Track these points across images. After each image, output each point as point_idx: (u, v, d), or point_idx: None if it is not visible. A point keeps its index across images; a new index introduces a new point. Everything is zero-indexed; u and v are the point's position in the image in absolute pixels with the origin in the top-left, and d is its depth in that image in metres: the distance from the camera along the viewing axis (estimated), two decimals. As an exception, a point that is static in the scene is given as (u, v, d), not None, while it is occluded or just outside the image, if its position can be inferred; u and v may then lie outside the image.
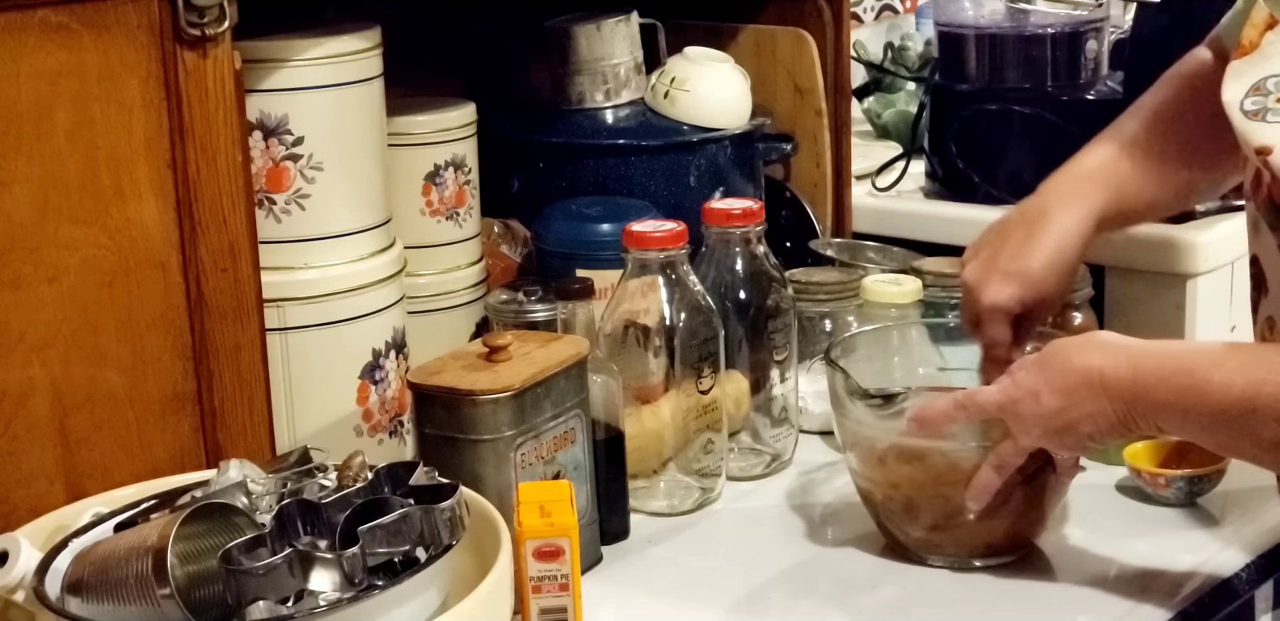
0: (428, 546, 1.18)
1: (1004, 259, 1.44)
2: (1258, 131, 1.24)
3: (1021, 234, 1.45)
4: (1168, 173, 1.47)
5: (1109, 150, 1.48)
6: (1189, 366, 1.25)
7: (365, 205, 1.53)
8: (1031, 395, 1.31)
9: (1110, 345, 1.30)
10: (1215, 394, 1.22)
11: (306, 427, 1.49)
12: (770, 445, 1.65)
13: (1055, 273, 1.44)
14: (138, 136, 1.30)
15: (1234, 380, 1.21)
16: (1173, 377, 1.25)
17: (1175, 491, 1.53)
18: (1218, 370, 1.23)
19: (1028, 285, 1.43)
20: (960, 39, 1.94)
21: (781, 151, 1.92)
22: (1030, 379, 1.31)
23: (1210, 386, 1.23)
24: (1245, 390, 1.21)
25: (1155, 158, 1.47)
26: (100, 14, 1.26)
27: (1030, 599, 1.39)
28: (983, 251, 1.47)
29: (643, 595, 1.42)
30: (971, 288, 1.46)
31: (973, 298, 1.46)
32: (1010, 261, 1.44)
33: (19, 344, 1.27)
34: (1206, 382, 1.23)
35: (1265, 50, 1.25)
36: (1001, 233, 1.47)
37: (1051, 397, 1.30)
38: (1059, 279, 1.45)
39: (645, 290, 1.52)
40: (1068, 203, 1.45)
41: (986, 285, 1.44)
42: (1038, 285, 1.44)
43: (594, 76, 1.83)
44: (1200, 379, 1.23)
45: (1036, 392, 1.30)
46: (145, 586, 1.12)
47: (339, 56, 1.48)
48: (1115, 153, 1.48)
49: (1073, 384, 1.29)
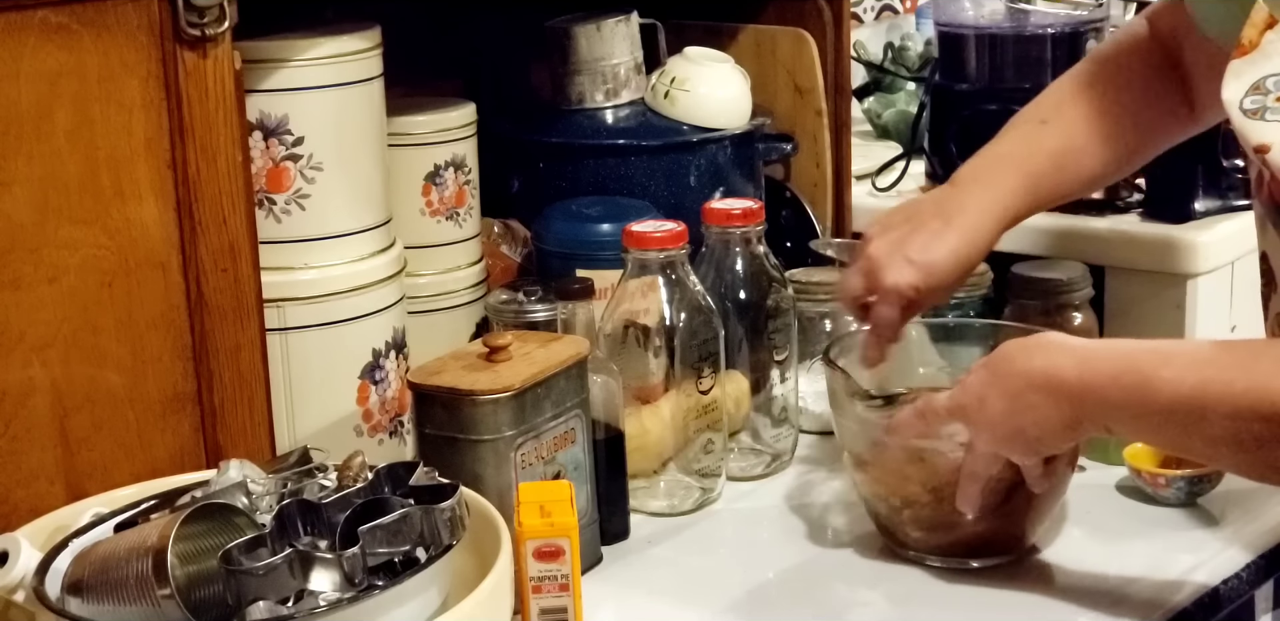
0: (428, 546, 1.18)
1: (913, 246, 1.45)
2: (1257, 130, 1.24)
3: (936, 225, 1.46)
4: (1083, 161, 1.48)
5: (1023, 137, 1.49)
6: (1137, 365, 1.23)
7: (365, 205, 1.53)
8: (978, 399, 1.30)
9: (1055, 346, 1.29)
10: (1164, 392, 1.21)
11: (306, 427, 1.50)
12: (770, 445, 1.65)
13: (959, 267, 1.46)
14: (138, 136, 1.30)
15: (1183, 378, 1.20)
16: (1121, 376, 1.24)
17: (1175, 491, 1.53)
18: (1166, 368, 1.22)
19: (930, 276, 1.44)
20: (960, 39, 1.94)
21: (781, 151, 1.92)
22: (978, 383, 1.31)
23: (1159, 384, 1.21)
24: (1195, 387, 1.20)
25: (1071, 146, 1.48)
26: (100, 14, 1.26)
27: (1030, 599, 1.39)
28: (891, 233, 1.47)
29: (643, 595, 1.42)
30: (875, 266, 1.46)
31: (872, 275, 1.46)
32: (920, 251, 1.45)
33: (19, 344, 1.27)
34: (1155, 380, 1.22)
35: (1265, 49, 1.26)
36: (913, 217, 1.48)
37: (998, 401, 1.29)
38: (961, 273, 1.46)
39: (645, 290, 1.53)
40: (981, 195, 1.46)
41: (890, 267, 1.45)
42: (939, 277, 1.45)
43: (594, 76, 1.83)
44: (1149, 376, 1.22)
45: (983, 397, 1.30)
46: (145, 586, 1.12)
47: (339, 56, 1.48)
48: (1030, 140, 1.49)
49: (1018, 387, 1.28)
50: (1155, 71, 1.48)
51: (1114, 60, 1.52)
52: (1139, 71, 1.50)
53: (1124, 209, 1.85)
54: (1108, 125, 1.48)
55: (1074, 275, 1.69)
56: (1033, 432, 1.29)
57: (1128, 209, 1.85)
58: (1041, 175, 1.48)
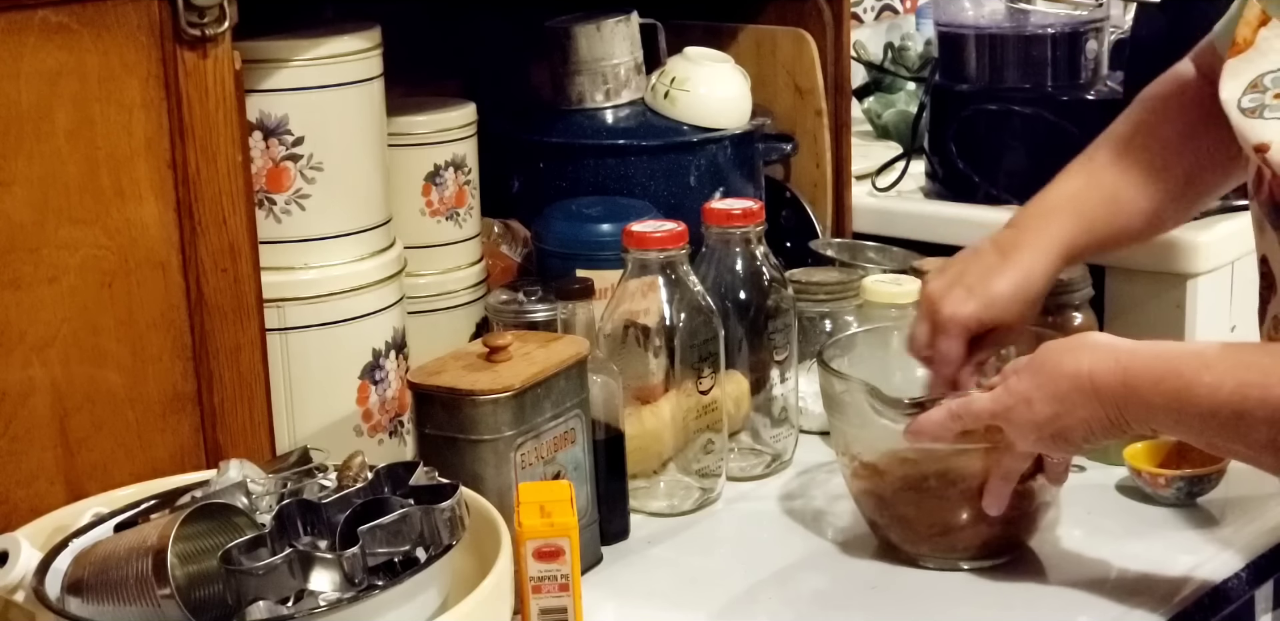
0: (428, 546, 1.18)
1: (971, 277, 1.45)
2: (1256, 129, 1.24)
3: (993, 259, 1.45)
4: (1138, 201, 1.47)
5: (1077, 178, 1.49)
6: (1178, 369, 1.24)
7: (365, 205, 1.53)
8: (1024, 401, 1.30)
9: (1100, 347, 1.29)
10: (1204, 396, 1.22)
11: (306, 427, 1.50)
12: (770, 445, 1.65)
13: (1019, 301, 1.44)
14: (138, 136, 1.30)
15: (1223, 383, 1.21)
16: (1163, 380, 1.24)
17: (1175, 491, 1.53)
18: (1207, 372, 1.22)
19: (990, 305, 1.43)
20: (960, 39, 1.94)
21: (781, 151, 1.92)
22: (1022, 385, 1.31)
23: (1199, 389, 1.22)
24: (1234, 393, 1.20)
25: (1126, 182, 1.47)
26: (100, 14, 1.26)
27: (1029, 599, 1.39)
28: (950, 270, 1.47)
29: (642, 595, 1.42)
30: (933, 300, 1.45)
31: (932, 309, 1.45)
32: (978, 280, 1.44)
33: (19, 344, 1.27)
34: (1196, 385, 1.22)
35: (1260, 47, 1.25)
36: (971, 257, 1.48)
37: (1044, 404, 1.29)
38: (1021, 307, 1.45)
39: (645, 290, 1.53)
40: (1038, 235, 1.46)
41: (948, 297, 1.44)
42: (999, 308, 1.44)
43: (594, 76, 1.83)
44: (1190, 381, 1.22)
45: (1029, 399, 1.30)
46: (145, 586, 1.12)
47: (339, 56, 1.48)
48: (1084, 182, 1.48)
49: (1064, 389, 1.28)
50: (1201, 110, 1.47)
51: (1161, 99, 1.50)
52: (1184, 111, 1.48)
53: (1124, 209, 1.85)
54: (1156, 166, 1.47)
55: (1074, 275, 1.68)
56: (1079, 433, 1.29)
57: (1128, 209, 1.85)
58: (1096, 218, 1.47)
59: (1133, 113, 1.52)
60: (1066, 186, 1.49)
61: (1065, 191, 1.49)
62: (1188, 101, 1.48)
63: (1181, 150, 1.48)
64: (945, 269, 1.48)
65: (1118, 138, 1.50)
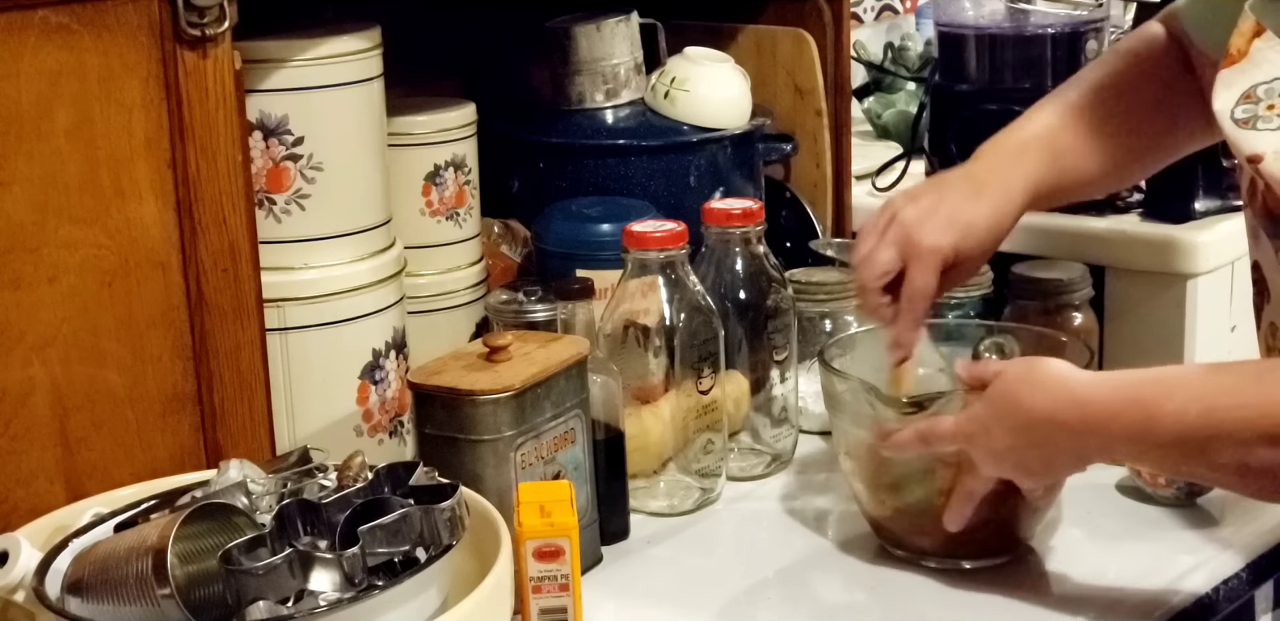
0: (428, 546, 1.18)
1: (949, 206, 1.41)
2: (1249, 139, 1.24)
3: (967, 190, 1.43)
4: (1109, 148, 1.46)
5: (1051, 118, 1.47)
6: (1139, 399, 1.22)
7: (365, 205, 1.53)
8: (984, 431, 1.30)
9: (1054, 383, 1.27)
10: (1168, 425, 1.20)
11: (306, 427, 1.50)
12: (770, 445, 1.65)
13: (991, 236, 1.42)
14: (138, 136, 1.30)
15: (1187, 409, 1.19)
16: (1124, 413, 1.23)
17: (1175, 491, 1.53)
18: (1169, 401, 1.21)
19: (967, 237, 1.41)
20: (960, 39, 1.94)
21: (781, 151, 1.92)
22: (984, 415, 1.30)
23: (1163, 417, 1.20)
24: (1200, 417, 1.19)
25: (1097, 132, 1.46)
26: (100, 14, 1.26)
27: (1029, 599, 1.39)
28: (922, 199, 1.43)
29: (642, 595, 1.42)
30: (908, 230, 1.40)
31: (907, 237, 1.40)
32: (955, 211, 1.41)
33: (19, 344, 1.27)
34: (1159, 413, 1.21)
35: (1254, 58, 1.25)
36: (941, 187, 1.45)
37: (1003, 436, 1.29)
38: (992, 244, 1.43)
39: (645, 290, 1.53)
40: (1012, 171, 1.44)
41: (927, 225, 1.40)
42: (974, 240, 1.41)
43: (594, 76, 1.83)
44: (1152, 411, 1.21)
45: (988, 428, 1.30)
46: (145, 586, 1.12)
47: (339, 56, 1.48)
48: (1057, 122, 1.46)
49: (1021, 423, 1.27)
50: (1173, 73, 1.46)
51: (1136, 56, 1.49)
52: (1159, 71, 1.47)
53: (1124, 209, 1.85)
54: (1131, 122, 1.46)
55: (1074, 275, 1.69)
56: (1038, 465, 1.29)
57: (1128, 209, 1.85)
58: (1066, 164, 1.45)
59: (1108, 63, 1.50)
60: (1040, 123, 1.47)
61: (1039, 128, 1.47)
62: (1164, 63, 1.48)
63: (1158, 109, 1.47)
64: (917, 197, 1.43)
65: (1094, 85, 1.49)
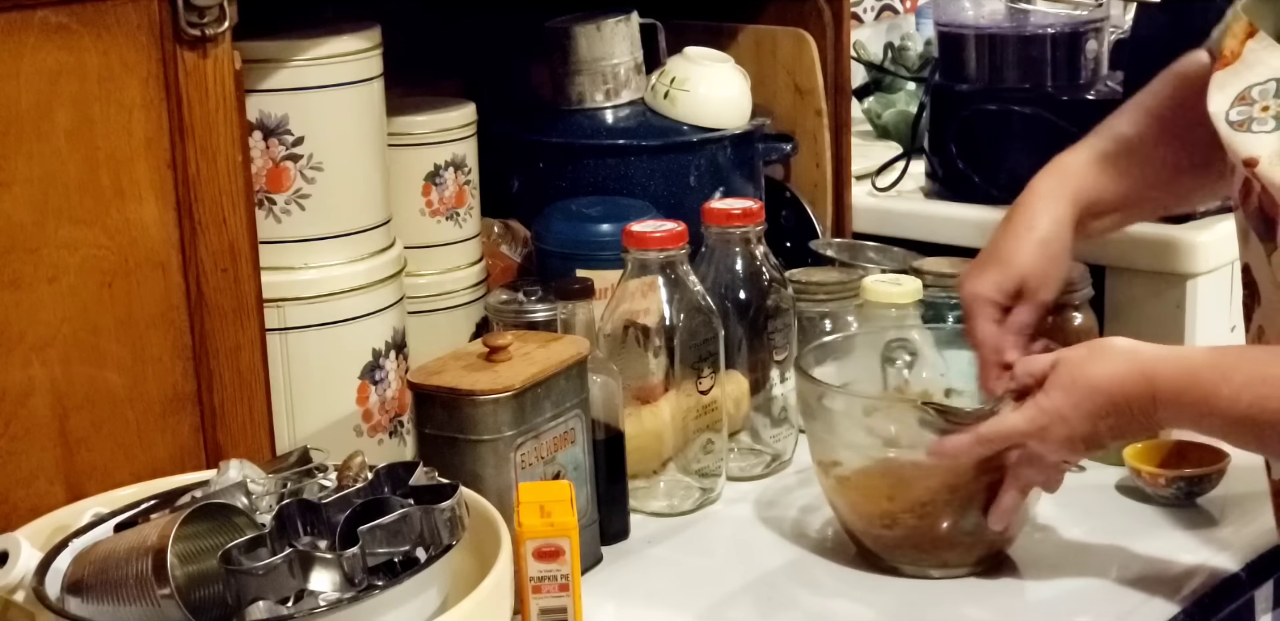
0: (428, 546, 1.18)
1: (987, 250, 1.44)
2: (1244, 142, 1.24)
3: (1002, 225, 1.45)
4: (1162, 173, 1.46)
5: (1094, 149, 1.47)
6: (1199, 380, 1.26)
7: (365, 205, 1.53)
8: (1060, 420, 1.31)
9: (1123, 355, 1.30)
10: (1224, 409, 1.24)
11: (306, 427, 1.50)
12: (770, 445, 1.66)
13: (1033, 255, 1.42)
14: (138, 136, 1.30)
15: (1239, 396, 1.23)
16: (1186, 391, 1.26)
17: (1175, 491, 1.53)
18: (1225, 384, 1.24)
19: (1004, 269, 1.42)
20: (960, 39, 1.94)
21: (781, 151, 1.92)
22: (1055, 403, 1.31)
23: (1218, 401, 1.24)
24: (1251, 406, 1.22)
25: (1145, 158, 1.46)
26: (100, 14, 1.26)
27: (1029, 599, 1.39)
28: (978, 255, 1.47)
29: (642, 595, 1.42)
30: (959, 284, 1.46)
31: (960, 294, 1.45)
32: (988, 251, 1.44)
33: (19, 344, 1.27)
34: (1215, 397, 1.24)
35: (1247, 59, 1.25)
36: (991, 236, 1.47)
37: (1081, 421, 1.30)
38: (1040, 262, 1.42)
39: (645, 290, 1.53)
40: (1047, 195, 1.44)
41: (968, 277, 1.44)
42: (1016, 267, 1.42)
43: (594, 76, 1.83)
44: (1209, 393, 1.25)
45: (1065, 417, 1.30)
46: (145, 586, 1.12)
47: (339, 56, 1.48)
48: (1101, 151, 1.46)
49: (1101, 404, 1.29)
50: None
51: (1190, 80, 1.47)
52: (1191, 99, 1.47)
53: (1124, 209, 1.85)
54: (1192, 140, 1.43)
55: (1074, 275, 1.68)
56: (1110, 437, 1.32)
57: (1128, 209, 1.85)
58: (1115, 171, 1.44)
59: (1156, 88, 1.49)
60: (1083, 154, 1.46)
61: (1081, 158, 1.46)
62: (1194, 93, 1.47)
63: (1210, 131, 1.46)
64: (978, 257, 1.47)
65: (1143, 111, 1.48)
